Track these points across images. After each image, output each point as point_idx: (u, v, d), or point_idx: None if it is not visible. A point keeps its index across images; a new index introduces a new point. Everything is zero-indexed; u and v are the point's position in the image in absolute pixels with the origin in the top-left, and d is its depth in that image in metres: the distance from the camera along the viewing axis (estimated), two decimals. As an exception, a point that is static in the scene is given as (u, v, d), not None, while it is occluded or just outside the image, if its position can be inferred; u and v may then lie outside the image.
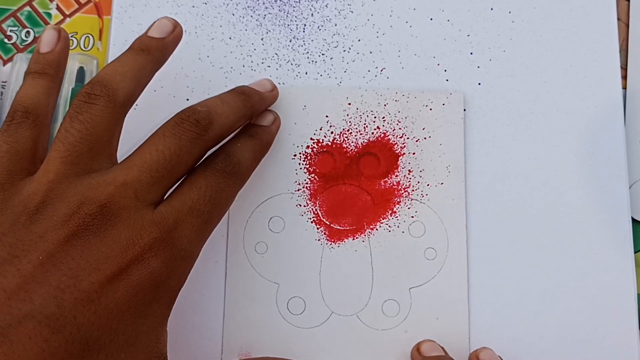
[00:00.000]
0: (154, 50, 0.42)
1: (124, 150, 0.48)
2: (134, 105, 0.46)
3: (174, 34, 0.44)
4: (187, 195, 0.38)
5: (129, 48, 0.42)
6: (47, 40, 0.43)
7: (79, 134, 0.37)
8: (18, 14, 0.53)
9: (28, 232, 0.35)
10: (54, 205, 0.36)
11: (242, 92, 0.45)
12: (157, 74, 0.43)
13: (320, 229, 0.48)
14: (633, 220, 0.49)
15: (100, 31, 0.52)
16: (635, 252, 0.49)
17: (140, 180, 0.37)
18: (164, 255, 0.36)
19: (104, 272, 0.35)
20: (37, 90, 0.41)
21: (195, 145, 0.39)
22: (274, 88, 0.49)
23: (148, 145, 0.39)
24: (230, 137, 0.44)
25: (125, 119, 0.42)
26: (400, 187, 0.48)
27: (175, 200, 0.38)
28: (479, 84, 0.51)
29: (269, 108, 0.48)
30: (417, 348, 0.46)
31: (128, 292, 0.35)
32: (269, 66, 0.51)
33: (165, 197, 0.39)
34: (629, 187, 0.50)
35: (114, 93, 0.39)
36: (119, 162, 0.39)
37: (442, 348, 0.46)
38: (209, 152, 0.42)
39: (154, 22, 0.44)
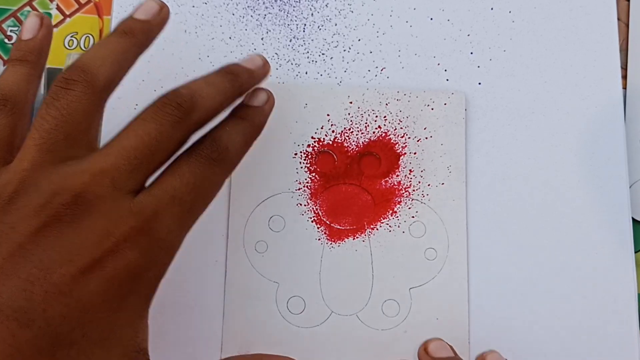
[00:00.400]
0: (138, 33, 0.41)
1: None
2: (134, 105, 0.46)
3: (161, 16, 0.42)
4: (169, 182, 0.37)
5: (112, 30, 0.41)
6: (29, 27, 0.42)
7: (55, 120, 0.36)
8: (18, 14, 0.53)
9: (0, 223, 0.34)
10: (28, 195, 0.34)
11: (229, 72, 0.42)
12: (157, 73, 0.43)
13: (320, 229, 0.48)
14: (633, 220, 0.49)
15: (100, 31, 0.52)
16: (635, 252, 0.49)
17: (117, 167, 0.35)
18: (142, 245, 0.35)
19: (77, 263, 0.33)
20: (16, 78, 0.40)
21: (176, 129, 0.38)
22: (266, 63, 0.45)
23: (127, 131, 0.37)
24: (219, 119, 0.43)
25: (125, 119, 0.41)
26: (401, 187, 0.48)
27: (156, 188, 0.36)
28: (479, 83, 0.51)
29: (262, 87, 0.46)
30: (425, 347, 0.45)
31: (102, 285, 0.33)
32: (269, 66, 0.51)
33: (146, 185, 0.37)
34: (629, 187, 0.50)
35: (93, 78, 0.37)
36: None
37: (451, 347, 0.46)
38: (196, 137, 0.40)
39: (140, 4, 0.42)
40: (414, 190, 0.48)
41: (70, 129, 0.36)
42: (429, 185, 0.48)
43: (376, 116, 0.49)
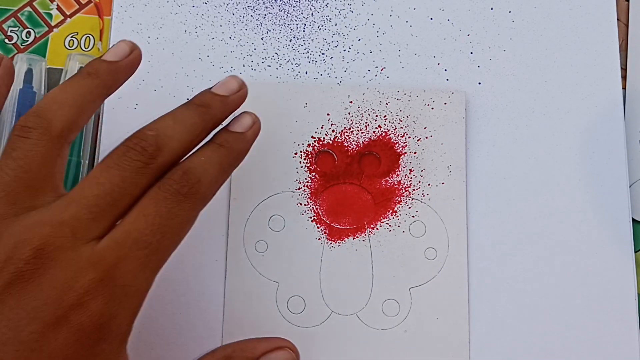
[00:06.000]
0: (102, 74, 0.39)
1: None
2: (134, 104, 0.46)
3: (130, 58, 0.41)
4: (133, 225, 0.35)
5: (77, 72, 0.40)
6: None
7: (13, 172, 0.35)
8: (19, 15, 0.53)
9: None
10: None
11: (200, 104, 0.40)
12: (157, 73, 0.43)
13: (320, 228, 0.48)
14: (633, 220, 0.49)
15: (101, 31, 0.52)
16: (635, 252, 0.49)
17: (78, 217, 0.34)
18: (104, 295, 0.34)
19: (43, 319, 0.33)
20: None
21: (141, 175, 0.36)
22: (242, 86, 0.43)
23: (89, 179, 0.36)
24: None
25: (125, 119, 0.41)
26: (401, 186, 0.48)
27: (118, 232, 0.35)
28: (479, 83, 0.51)
29: (248, 111, 0.43)
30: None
31: (70, 337, 0.33)
32: (269, 66, 0.51)
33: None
34: (629, 187, 0.50)
35: (49, 124, 0.36)
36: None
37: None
38: None
39: (112, 46, 0.41)
40: (414, 190, 0.48)
41: (30, 179, 0.36)
42: (429, 184, 0.48)
43: (376, 115, 0.49)
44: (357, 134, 0.49)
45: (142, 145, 0.36)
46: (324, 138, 0.49)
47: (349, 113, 0.49)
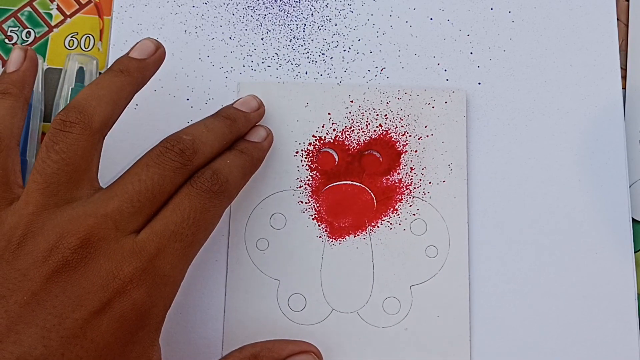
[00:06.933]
0: (133, 71, 0.42)
1: (125, 151, 0.48)
2: (134, 105, 0.46)
3: (156, 56, 0.44)
4: (170, 218, 0.38)
5: (107, 69, 0.42)
6: (14, 60, 0.43)
7: (56, 164, 0.37)
8: (19, 15, 0.53)
9: (12, 269, 0.35)
10: (35, 239, 0.36)
11: (227, 117, 0.45)
12: (157, 73, 0.43)
13: (321, 226, 0.48)
14: (633, 220, 0.49)
15: (101, 31, 0.52)
16: (635, 252, 0.49)
17: (121, 210, 0.37)
18: (146, 284, 0.36)
19: (87, 307, 0.35)
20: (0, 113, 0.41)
21: (178, 174, 0.39)
22: (260, 106, 0.48)
23: (130, 175, 0.39)
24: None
25: (126, 119, 0.42)
26: (402, 184, 0.48)
27: (157, 224, 0.38)
28: (479, 83, 0.51)
29: (262, 125, 0.48)
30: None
31: (112, 325, 0.35)
32: (269, 66, 0.51)
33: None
34: (629, 187, 0.50)
35: (90, 119, 0.38)
36: (104, 176, 0.40)
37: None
38: None
39: (136, 43, 0.44)
40: (415, 188, 0.48)
41: (72, 172, 0.38)
42: (430, 183, 0.48)
43: (377, 115, 0.49)
44: (358, 133, 0.49)
45: (179, 147, 0.40)
46: (325, 137, 0.49)
47: (350, 112, 0.49)
